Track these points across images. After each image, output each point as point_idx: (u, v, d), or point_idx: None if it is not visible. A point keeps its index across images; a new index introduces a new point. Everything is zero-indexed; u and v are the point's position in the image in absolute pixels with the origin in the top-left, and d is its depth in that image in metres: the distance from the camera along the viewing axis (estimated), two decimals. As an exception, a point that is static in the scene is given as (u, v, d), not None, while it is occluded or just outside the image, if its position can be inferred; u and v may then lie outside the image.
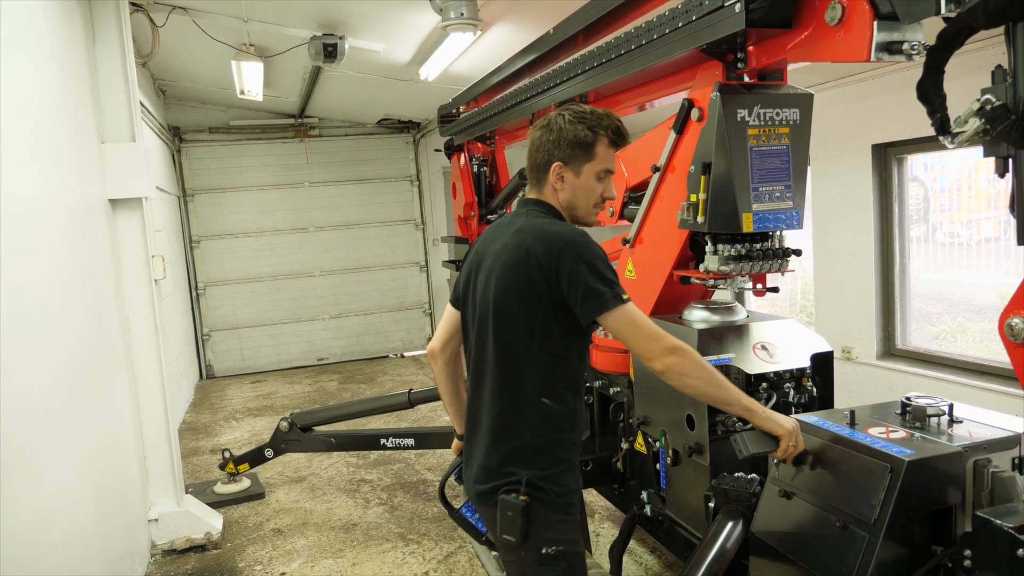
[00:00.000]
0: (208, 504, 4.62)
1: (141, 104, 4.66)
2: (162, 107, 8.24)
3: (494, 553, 3.74)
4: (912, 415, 2.10)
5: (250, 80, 6.35)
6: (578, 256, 1.87)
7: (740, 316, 2.75)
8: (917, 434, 2.01)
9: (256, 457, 5.00)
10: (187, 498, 4.40)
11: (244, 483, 5.09)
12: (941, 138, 1.66)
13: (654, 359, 1.89)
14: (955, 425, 2.05)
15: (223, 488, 5.02)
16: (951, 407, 2.09)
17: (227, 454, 5.04)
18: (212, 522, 4.36)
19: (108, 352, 3.73)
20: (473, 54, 5.52)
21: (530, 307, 1.93)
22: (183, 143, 8.83)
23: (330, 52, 5.36)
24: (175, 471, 4.26)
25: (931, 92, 1.66)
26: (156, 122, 7.15)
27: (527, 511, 1.89)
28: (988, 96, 1.53)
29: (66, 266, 3.18)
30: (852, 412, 2.15)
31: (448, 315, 2.26)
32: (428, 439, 4.81)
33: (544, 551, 1.91)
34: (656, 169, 2.82)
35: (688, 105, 2.58)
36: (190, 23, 5.30)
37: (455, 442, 2.37)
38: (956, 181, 5.55)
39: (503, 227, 2.09)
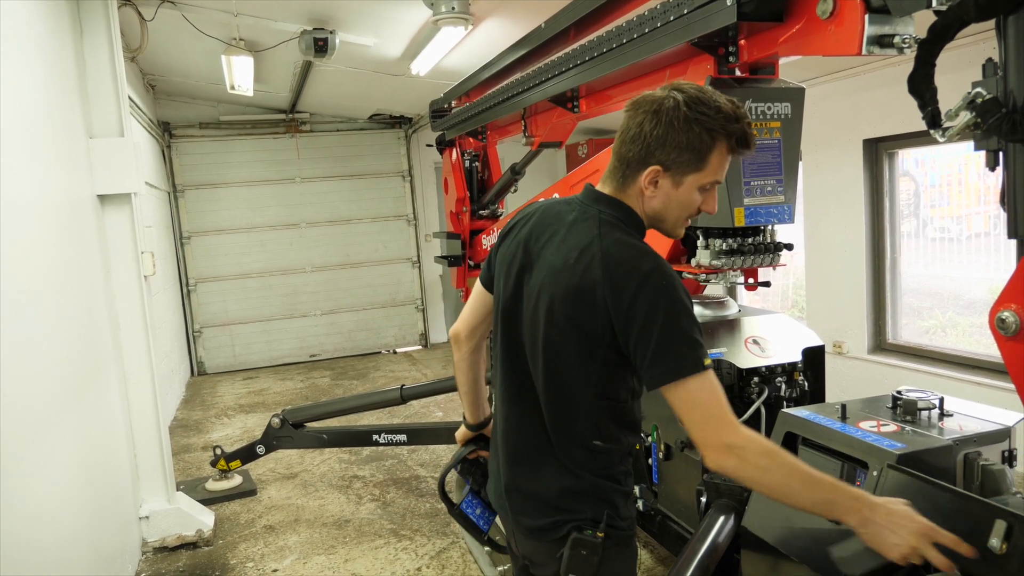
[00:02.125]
0: (199, 501, 4.60)
1: (130, 99, 4.62)
2: (152, 102, 8.18)
3: (487, 549, 3.75)
4: (903, 409, 2.11)
5: (240, 75, 6.31)
6: (657, 302, 1.51)
7: (732, 311, 2.76)
8: (908, 428, 2.02)
9: (248, 454, 4.98)
10: (178, 495, 4.38)
11: (236, 480, 5.07)
12: (932, 132, 1.65)
13: (706, 452, 1.51)
14: (945, 418, 2.05)
15: (214, 485, 5.00)
16: (941, 401, 2.10)
17: (218, 451, 5.02)
18: (203, 519, 4.35)
19: (98, 349, 3.70)
20: (465, 48, 5.51)
21: (591, 351, 1.61)
22: (173, 139, 8.77)
23: (321, 47, 5.33)
24: (166, 468, 4.24)
25: (922, 86, 1.65)
26: (145, 117, 7.10)
27: (603, 548, 1.66)
28: (979, 89, 1.53)
29: (54, 263, 3.15)
30: (843, 406, 2.15)
31: (478, 297, 1.92)
32: (420, 435, 4.80)
33: None
34: (648, 164, 2.82)
35: (682, 82, 2.57)
36: (179, 17, 5.26)
37: (462, 430, 2.14)
38: (947, 176, 5.58)
39: (566, 224, 1.69)
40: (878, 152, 5.50)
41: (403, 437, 4.74)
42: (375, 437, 4.75)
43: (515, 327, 1.75)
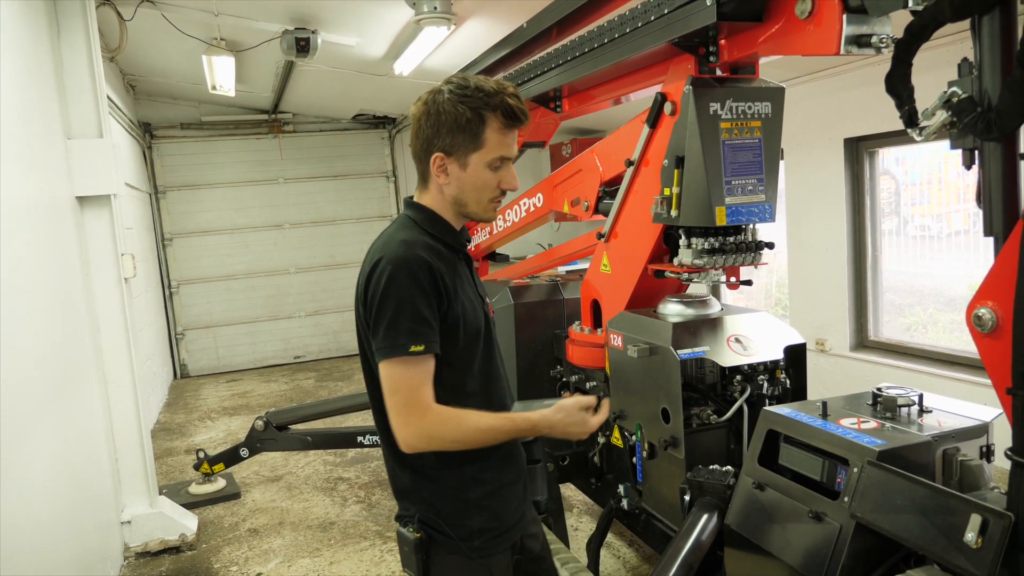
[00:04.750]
0: (182, 505, 4.57)
1: (109, 99, 4.58)
2: (132, 103, 8.10)
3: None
4: (883, 406, 2.12)
5: (222, 75, 6.26)
6: (378, 285, 1.61)
7: (714, 309, 2.76)
8: (888, 424, 2.03)
9: (231, 457, 4.95)
10: (161, 499, 4.34)
11: (219, 483, 5.03)
12: (909, 130, 1.67)
13: (398, 436, 1.64)
14: (925, 415, 2.07)
15: (198, 489, 4.96)
16: (921, 397, 2.12)
17: (201, 454, 4.98)
18: (186, 523, 4.31)
19: (77, 353, 3.66)
20: (448, 48, 5.49)
21: (366, 337, 1.70)
22: (154, 139, 8.69)
23: (302, 46, 5.30)
24: (148, 472, 4.20)
25: (899, 85, 1.67)
26: (126, 118, 7.03)
27: (423, 547, 1.72)
28: (954, 89, 1.55)
29: (31, 265, 3.11)
30: (824, 403, 2.16)
31: None
32: (405, 436, 4.78)
33: None
34: (630, 163, 2.82)
35: (661, 99, 2.58)
36: (159, 17, 5.21)
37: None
38: (927, 175, 5.63)
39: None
40: (859, 151, 5.54)
41: (388, 438, 4.71)
42: (360, 439, 4.74)
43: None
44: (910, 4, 1.70)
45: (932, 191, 5.60)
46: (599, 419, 1.79)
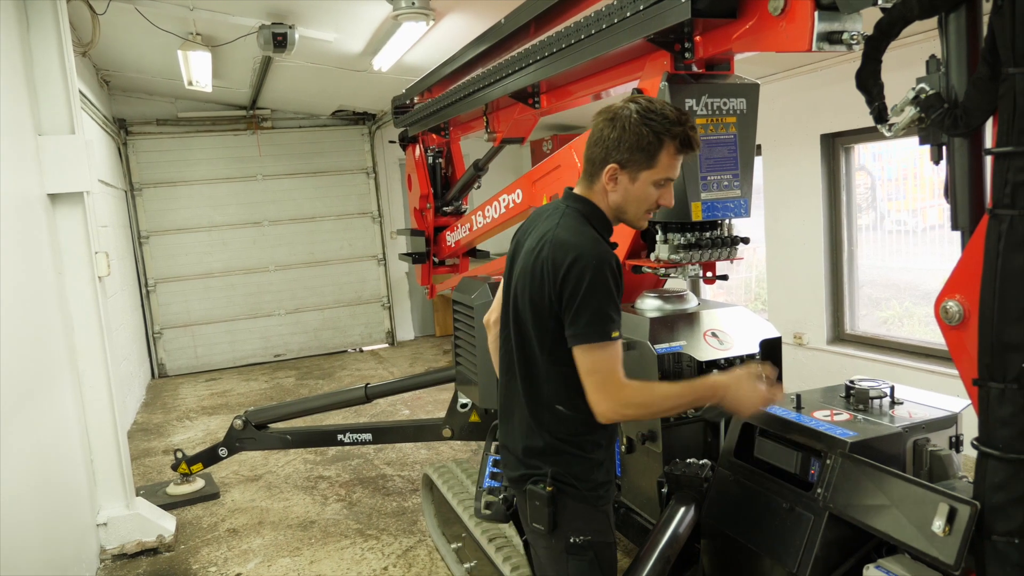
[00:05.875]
0: (160, 506, 4.52)
1: (82, 95, 4.52)
2: (106, 98, 7.99)
3: (454, 546, 3.75)
4: (856, 398, 2.15)
5: (198, 70, 6.20)
6: (581, 278, 1.80)
7: (691, 304, 2.78)
8: (860, 416, 2.06)
9: (210, 456, 4.91)
10: (138, 500, 4.29)
11: (198, 483, 4.99)
12: (879, 126, 1.69)
13: (597, 410, 1.85)
14: (896, 406, 2.10)
15: (176, 489, 4.91)
16: (892, 389, 2.15)
17: (179, 454, 4.93)
18: (164, 524, 4.27)
19: (50, 353, 3.61)
20: (427, 44, 5.48)
21: (541, 320, 1.90)
22: (129, 136, 8.58)
23: (280, 42, 5.25)
24: (124, 473, 4.15)
25: (869, 81, 1.69)
26: (99, 114, 6.93)
27: (554, 500, 1.93)
28: (923, 85, 1.57)
29: (0, 264, 3.06)
30: (799, 396, 2.19)
31: (502, 286, 2.21)
32: (386, 434, 4.78)
33: (572, 540, 1.94)
34: (607, 159, 2.83)
35: (638, 95, 2.58)
36: (132, 11, 5.14)
37: None
38: (902, 170, 5.70)
39: (543, 217, 2.01)
40: (835, 147, 5.60)
41: (368, 436, 4.70)
42: (340, 437, 4.71)
43: (507, 309, 2.06)
44: (880, 1, 1.72)
45: (908, 186, 5.67)
46: (778, 395, 2.00)
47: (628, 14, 2.43)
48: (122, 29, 5.64)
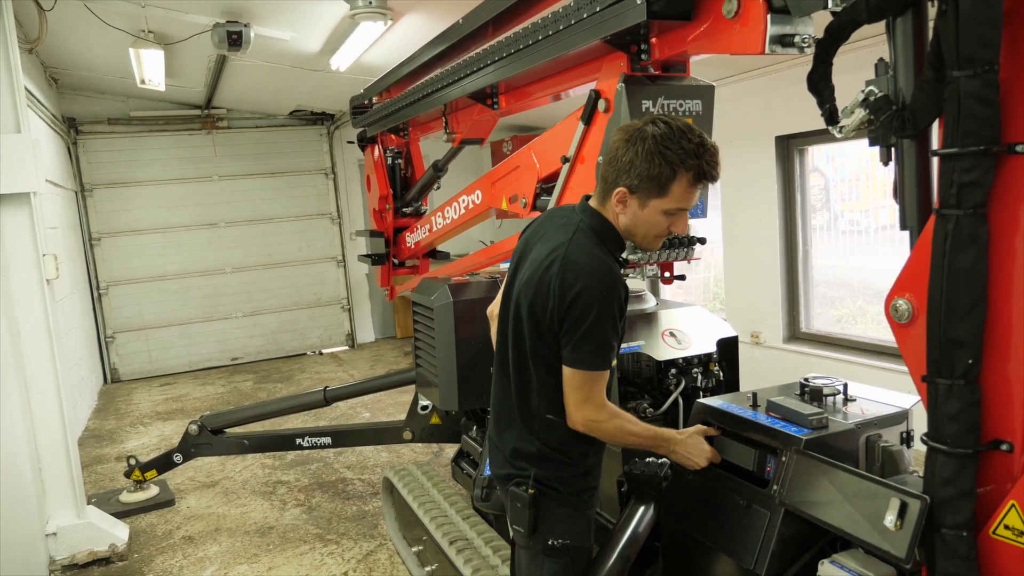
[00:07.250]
0: (113, 514, 4.40)
1: (29, 92, 4.37)
2: (55, 97, 7.76)
3: (415, 549, 3.71)
4: (810, 395, 2.18)
5: (150, 69, 6.06)
6: (588, 308, 1.81)
7: (650, 304, 2.80)
8: (814, 413, 2.09)
9: (164, 463, 4.79)
10: (89, 509, 4.17)
11: (152, 491, 4.87)
12: (830, 128, 1.72)
13: (573, 417, 1.92)
14: (849, 403, 2.14)
15: (129, 497, 4.79)
16: (845, 387, 2.19)
17: (132, 461, 4.81)
18: (117, 533, 4.16)
19: (-6, 358, 3.49)
20: (385, 44, 5.43)
21: (540, 333, 1.91)
22: (80, 135, 8.35)
23: (235, 40, 5.16)
24: (75, 481, 4.03)
25: (820, 83, 1.72)
26: (48, 112, 6.73)
27: (535, 503, 1.95)
28: (871, 87, 1.60)
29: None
30: (754, 394, 2.22)
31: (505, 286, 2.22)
32: (346, 437, 4.72)
33: (550, 542, 1.98)
34: (566, 160, 2.83)
35: (595, 96, 2.59)
36: (81, 8, 4.99)
37: None
38: (855, 172, 5.82)
39: (555, 225, 1.99)
40: (789, 148, 5.70)
41: (328, 440, 4.64)
42: (299, 441, 4.64)
43: (506, 308, 2.06)
44: (830, 5, 1.74)
45: (861, 187, 5.80)
46: (715, 456, 2.11)
47: (585, 15, 2.43)
48: (71, 26, 5.48)
